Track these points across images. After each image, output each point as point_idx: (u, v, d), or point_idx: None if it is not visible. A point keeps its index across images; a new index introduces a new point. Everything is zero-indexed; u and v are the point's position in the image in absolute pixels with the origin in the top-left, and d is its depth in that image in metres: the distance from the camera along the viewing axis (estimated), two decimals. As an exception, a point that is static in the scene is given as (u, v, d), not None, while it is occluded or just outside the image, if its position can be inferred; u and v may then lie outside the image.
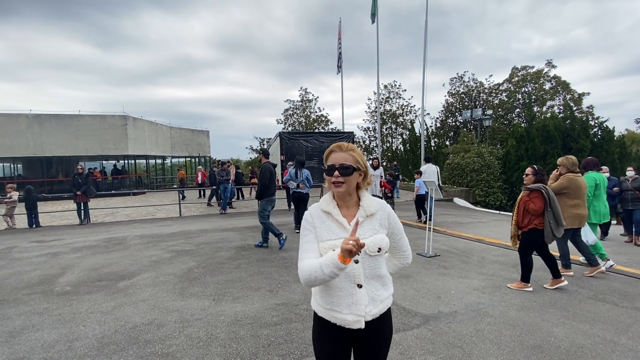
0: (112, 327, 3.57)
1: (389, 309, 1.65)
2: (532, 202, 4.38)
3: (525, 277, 4.51)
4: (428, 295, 4.30)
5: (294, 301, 4.14)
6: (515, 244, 4.67)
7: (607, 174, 7.61)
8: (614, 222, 9.22)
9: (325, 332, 1.60)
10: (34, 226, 10.71)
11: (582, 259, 5.62)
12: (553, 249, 4.92)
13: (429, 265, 5.60)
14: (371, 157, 11.96)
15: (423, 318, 3.66)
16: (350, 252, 1.33)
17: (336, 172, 1.55)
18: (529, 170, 4.60)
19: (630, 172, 7.58)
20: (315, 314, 1.65)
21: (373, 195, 9.47)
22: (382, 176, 10.41)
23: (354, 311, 1.53)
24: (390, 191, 10.09)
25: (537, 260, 5.23)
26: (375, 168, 10.39)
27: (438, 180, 9.75)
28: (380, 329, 1.60)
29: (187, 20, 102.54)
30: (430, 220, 6.65)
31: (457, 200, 16.06)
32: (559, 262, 5.39)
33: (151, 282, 4.97)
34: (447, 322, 3.55)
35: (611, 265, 5.38)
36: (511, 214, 6.07)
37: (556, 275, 4.54)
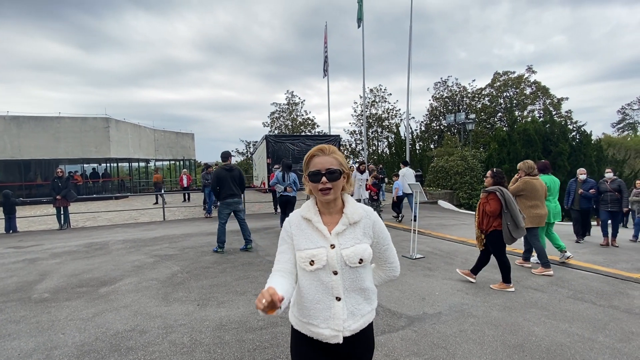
0: (93, 334, 3.48)
1: (371, 324, 1.56)
2: (489, 204, 4.54)
3: (506, 278, 4.60)
4: (413, 296, 4.34)
5: (279, 305, 4.12)
6: (481, 245, 4.80)
7: (584, 176, 7.71)
8: (594, 223, 9.51)
9: (303, 346, 1.51)
10: (11, 231, 10.36)
11: (559, 257, 5.86)
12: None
13: (414, 267, 5.65)
14: (357, 161, 12.08)
15: (408, 319, 3.69)
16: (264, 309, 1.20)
17: (324, 179, 1.43)
18: (488, 173, 4.82)
19: (608, 174, 7.59)
20: (292, 326, 1.58)
21: (359, 199, 9.46)
22: (367, 180, 10.50)
23: (331, 325, 1.44)
24: (376, 194, 10.15)
25: (513, 260, 5.32)
26: (361, 172, 10.51)
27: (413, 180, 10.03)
28: (360, 345, 1.51)
29: (171, 21, 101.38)
30: (415, 221, 6.73)
31: (441, 202, 16.29)
32: (534, 260, 5.60)
33: (134, 287, 4.87)
34: (431, 323, 3.59)
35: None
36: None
37: (507, 280, 4.63)
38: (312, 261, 1.43)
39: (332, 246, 1.44)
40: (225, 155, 7.10)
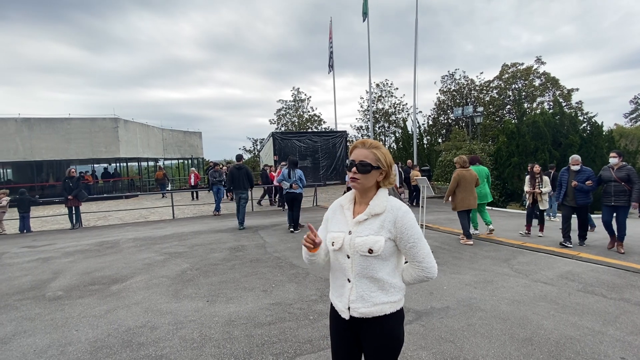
0: (105, 330, 3.56)
1: (392, 316, 1.58)
2: None
3: None
4: (421, 291, 4.33)
5: (287, 300, 4.16)
6: None
7: (578, 167, 6.47)
8: (596, 215, 9.15)
9: (333, 314, 1.72)
10: (25, 231, 10.58)
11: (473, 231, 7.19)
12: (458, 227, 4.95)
13: (422, 261, 5.64)
14: None
15: (416, 314, 3.69)
16: (307, 247, 1.61)
17: (354, 169, 1.57)
18: None
19: (613, 159, 6.12)
20: None
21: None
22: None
23: (342, 301, 1.63)
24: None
25: (527, 254, 5.27)
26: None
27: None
28: (373, 332, 1.58)
29: (176, 21, 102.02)
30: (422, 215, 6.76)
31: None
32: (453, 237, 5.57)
33: (144, 284, 4.95)
34: (439, 318, 3.59)
35: (476, 233, 7.59)
36: (502, 209, 6.51)
37: None
38: (333, 242, 1.62)
39: (350, 232, 1.59)
40: (239, 157, 9.73)
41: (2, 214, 10.67)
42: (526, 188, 7.97)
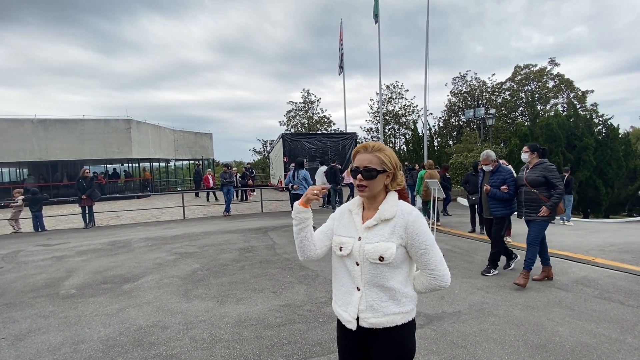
0: (117, 329, 3.59)
1: (404, 327, 1.50)
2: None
3: None
4: (432, 295, 4.28)
5: (297, 302, 4.15)
6: None
7: (489, 166, 5.08)
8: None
9: (340, 325, 1.62)
10: (40, 230, 10.78)
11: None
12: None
13: (433, 265, 5.57)
14: None
15: (427, 318, 3.65)
16: (307, 198, 1.57)
17: (359, 176, 1.49)
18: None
19: (524, 155, 4.64)
20: None
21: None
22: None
23: (348, 310, 1.53)
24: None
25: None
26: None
27: (324, 179, 12.30)
28: (383, 343, 1.50)
29: (186, 24, 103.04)
30: (431, 218, 6.66)
31: (460, 200, 16.00)
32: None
33: (155, 284, 4.99)
34: (450, 322, 3.54)
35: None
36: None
37: None
38: (341, 247, 1.55)
39: (360, 238, 1.51)
40: (327, 162, 12.17)
41: (19, 212, 10.90)
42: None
